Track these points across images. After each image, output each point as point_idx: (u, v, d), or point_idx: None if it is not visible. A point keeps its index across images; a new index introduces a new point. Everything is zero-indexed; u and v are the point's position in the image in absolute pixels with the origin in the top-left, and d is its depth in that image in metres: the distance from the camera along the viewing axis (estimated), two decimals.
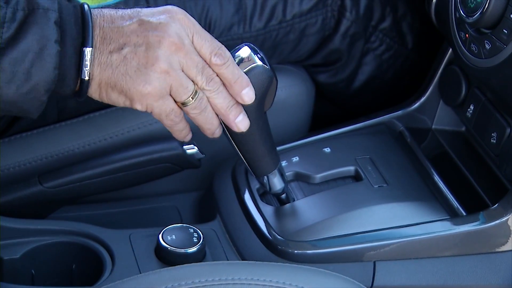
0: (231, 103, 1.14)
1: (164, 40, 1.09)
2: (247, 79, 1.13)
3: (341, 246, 1.24)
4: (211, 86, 1.12)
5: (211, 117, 1.15)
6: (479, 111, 1.33)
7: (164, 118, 1.14)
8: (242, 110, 1.15)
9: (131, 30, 1.09)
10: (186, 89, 1.11)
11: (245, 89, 1.13)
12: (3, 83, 1.05)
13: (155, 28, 1.09)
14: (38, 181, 1.34)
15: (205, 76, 1.11)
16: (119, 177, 1.36)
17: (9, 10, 1.05)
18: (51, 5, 1.06)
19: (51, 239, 1.27)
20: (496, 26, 1.22)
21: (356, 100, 1.57)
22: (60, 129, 1.39)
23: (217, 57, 1.11)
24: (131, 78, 1.09)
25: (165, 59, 1.09)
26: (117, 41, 1.09)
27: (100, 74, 1.09)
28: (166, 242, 1.23)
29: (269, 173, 1.24)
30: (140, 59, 1.09)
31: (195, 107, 1.13)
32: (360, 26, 1.50)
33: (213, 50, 1.11)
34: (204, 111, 1.14)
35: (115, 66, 1.09)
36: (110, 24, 1.09)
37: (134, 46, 1.09)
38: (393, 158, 1.37)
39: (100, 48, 1.09)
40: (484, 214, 1.26)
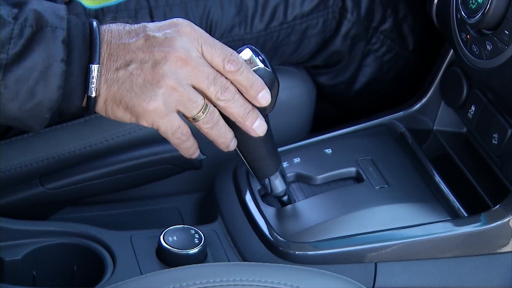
0: (247, 109, 1.13)
1: (170, 56, 1.08)
2: (261, 82, 1.13)
3: (342, 247, 1.24)
4: (226, 96, 1.11)
5: (224, 131, 1.14)
6: (480, 112, 1.33)
7: (170, 136, 1.13)
8: (258, 114, 1.14)
9: (137, 46, 1.09)
10: (195, 103, 1.10)
11: (261, 92, 1.13)
12: (6, 100, 1.05)
13: (161, 44, 1.08)
14: (40, 183, 1.34)
15: (219, 86, 1.11)
16: (120, 179, 1.36)
17: (16, 27, 1.04)
18: (59, 23, 1.06)
19: (52, 240, 1.27)
20: (497, 27, 1.22)
21: (357, 102, 1.57)
22: (61, 131, 1.39)
23: (230, 63, 1.10)
24: (136, 94, 1.09)
25: (171, 75, 1.08)
26: (123, 57, 1.08)
27: (106, 90, 1.09)
28: (167, 243, 1.23)
29: (270, 176, 1.24)
30: (146, 75, 1.08)
31: (207, 121, 1.12)
32: (361, 28, 1.50)
33: (225, 57, 1.10)
34: (217, 125, 1.13)
35: (121, 83, 1.09)
36: (118, 41, 1.09)
37: (140, 62, 1.08)
38: (394, 159, 1.37)
39: (107, 65, 1.08)
40: (486, 215, 1.26)
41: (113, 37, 1.09)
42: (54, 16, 1.06)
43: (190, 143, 1.15)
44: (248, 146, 1.19)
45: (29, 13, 1.05)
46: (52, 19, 1.06)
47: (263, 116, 1.17)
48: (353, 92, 1.55)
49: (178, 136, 1.13)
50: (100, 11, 1.36)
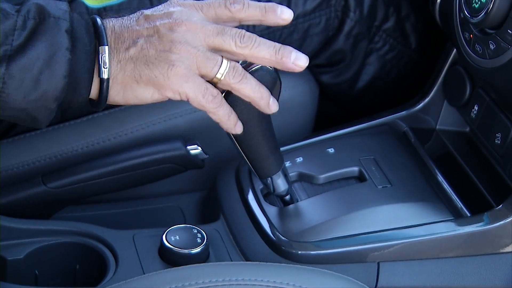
0: (277, 46, 1.10)
1: (173, 25, 1.08)
2: (273, 4, 1.11)
3: (345, 247, 1.24)
4: (246, 42, 1.09)
5: (256, 84, 1.10)
6: (483, 111, 1.33)
7: (203, 101, 1.09)
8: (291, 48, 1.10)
9: (139, 25, 1.09)
10: (213, 60, 1.09)
11: (278, 10, 1.11)
12: (11, 89, 1.05)
13: (161, 17, 1.09)
14: (42, 181, 1.34)
15: (234, 35, 1.09)
16: (122, 178, 1.36)
17: (19, 19, 1.05)
18: (62, 14, 1.07)
19: (54, 239, 1.27)
20: (500, 26, 1.22)
21: (360, 101, 1.57)
22: (63, 129, 1.39)
23: (234, 3, 1.10)
24: (154, 65, 1.08)
25: (180, 39, 1.08)
26: (130, 37, 1.09)
27: (121, 70, 1.09)
28: (169, 243, 1.22)
29: (273, 175, 1.24)
30: (156, 46, 1.08)
31: (234, 75, 1.09)
32: (364, 26, 1.50)
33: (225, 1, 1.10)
34: (245, 78, 1.10)
35: (136, 59, 1.08)
36: (120, 25, 1.10)
37: (147, 37, 1.09)
38: (397, 159, 1.37)
39: (116, 47, 1.09)
40: (488, 215, 1.26)
41: (115, 24, 1.10)
42: (56, 8, 1.07)
43: (227, 108, 1.11)
44: (250, 145, 1.19)
45: (31, 6, 1.06)
46: (54, 11, 1.07)
47: (265, 114, 1.17)
48: (356, 91, 1.55)
49: (210, 100, 1.09)
50: (103, 10, 1.36)
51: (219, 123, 1.13)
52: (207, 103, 1.10)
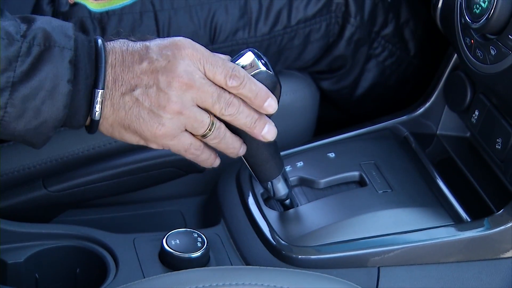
0: (254, 119, 1.15)
1: (173, 81, 1.10)
2: (266, 91, 1.14)
3: (345, 252, 1.24)
4: (230, 111, 1.13)
5: (231, 141, 1.16)
6: (484, 116, 1.33)
7: (184, 153, 1.15)
8: (266, 120, 1.16)
9: (141, 71, 1.10)
10: (201, 123, 1.12)
11: (267, 101, 1.14)
12: (12, 118, 1.06)
13: (164, 68, 1.10)
14: (43, 185, 1.34)
15: (223, 103, 1.12)
16: (123, 181, 1.36)
17: (24, 45, 1.05)
18: (67, 43, 1.07)
19: (55, 243, 1.27)
20: (501, 32, 1.22)
21: (360, 106, 1.57)
22: (64, 133, 1.38)
23: (232, 79, 1.12)
24: (145, 120, 1.11)
25: (176, 99, 1.10)
26: (128, 82, 1.10)
27: (113, 114, 1.11)
28: (170, 247, 1.22)
29: (273, 179, 1.24)
30: (152, 100, 1.10)
31: (214, 137, 1.14)
32: (364, 32, 1.50)
33: (227, 74, 1.12)
34: (224, 138, 1.15)
35: (128, 108, 1.10)
36: (121, 64, 1.10)
37: (146, 87, 1.10)
38: (397, 164, 1.37)
39: (112, 89, 1.10)
40: (489, 220, 1.26)
41: (117, 59, 1.10)
42: (62, 35, 1.07)
43: (206, 155, 1.17)
44: (250, 149, 1.19)
45: (38, 31, 1.06)
46: (60, 39, 1.07)
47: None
48: (356, 96, 1.55)
49: (192, 152, 1.15)
50: (105, 14, 1.36)
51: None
52: (188, 155, 1.16)
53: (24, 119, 1.06)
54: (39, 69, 1.05)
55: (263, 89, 1.14)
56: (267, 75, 1.14)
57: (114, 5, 1.37)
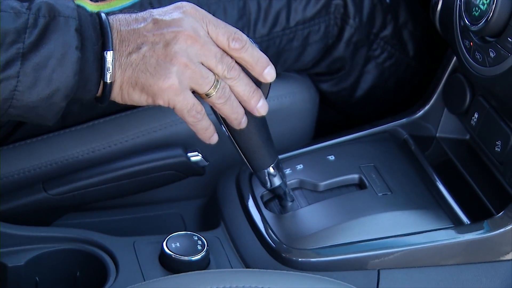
0: (252, 89, 1.16)
1: (180, 35, 1.11)
2: (266, 58, 1.16)
3: (345, 254, 1.24)
4: (232, 74, 1.14)
5: (236, 105, 1.17)
6: (483, 119, 1.33)
7: (186, 114, 1.15)
8: (261, 94, 1.17)
9: (147, 30, 1.11)
10: (206, 79, 1.13)
11: (267, 68, 1.16)
12: (25, 87, 1.07)
13: (169, 25, 1.11)
14: (43, 188, 1.34)
15: (225, 64, 1.13)
16: (123, 184, 1.36)
17: (31, 17, 1.07)
18: (71, 13, 1.09)
19: (55, 246, 1.27)
20: (500, 34, 1.22)
21: (359, 108, 1.57)
22: (64, 136, 1.39)
23: (235, 41, 1.13)
24: (151, 74, 1.11)
25: (183, 52, 1.11)
26: (135, 42, 1.11)
27: (121, 75, 1.12)
28: (170, 250, 1.23)
29: (266, 168, 1.24)
30: (158, 55, 1.11)
31: (219, 96, 1.15)
32: (363, 34, 1.50)
33: (230, 35, 1.13)
34: (229, 100, 1.16)
35: (135, 65, 1.11)
36: (127, 27, 1.12)
37: (152, 44, 1.11)
38: (397, 166, 1.37)
39: (120, 51, 1.11)
40: (489, 222, 1.26)
41: (122, 24, 1.12)
42: (65, 6, 1.09)
43: (206, 122, 1.17)
44: (242, 134, 1.20)
45: (41, 4, 1.08)
46: (63, 9, 1.08)
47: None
48: (355, 98, 1.55)
49: (193, 114, 1.15)
50: None
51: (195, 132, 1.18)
52: (189, 117, 1.15)
53: (37, 88, 1.07)
54: (47, 38, 1.07)
55: (263, 56, 1.15)
56: None
57: (112, 7, 1.37)
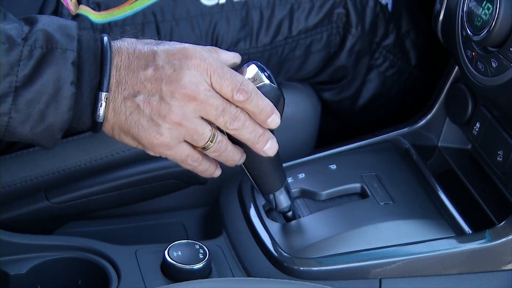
0: (258, 134, 1.14)
1: (176, 92, 1.09)
2: (271, 107, 1.13)
3: (347, 263, 1.24)
4: (234, 125, 1.12)
5: (232, 154, 1.16)
6: (485, 129, 1.33)
7: (180, 163, 1.15)
8: (269, 136, 1.16)
9: (145, 77, 1.09)
10: (202, 135, 1.12)
11: (271, 117, 1.14)
12: (18, 123, 1.06)
13: (169, 77, 1.09)
14: (45, 197, 1.34)
15: (228, 116, 1.12)
16: (125, 193, 1.36)
17: (26, 48, 1.04)
18: (69, 44, 1.06)
19: (57, 254, 1.27)
20: (503, 44, 1.22)
21: (362, 117, 1.57)
22: (66, 144, 1.38)
23: (239, 93, 1.11)
24: (143, 127, 1.10)
25: (177, 110, 1.09)
26: (131, 87, 1.09)
27: (114, 118, 1.10)
28: (172, 258, 1.22)
29: (275, 191, 1.24)
30: (153, 108, 1.09)
31: (215, 150, 1.14)
32: (366, 43, 1.50)
33: (234, 87, 1.11)
34: (225, 151, 1.15)
35: (129, 113, 1.10)
36: (127, 67, 1.09)
37: (148, 94, 1.09)
38: (399, 176, 1.37)
39: (115, 92, 1.09)
40: (491, 232, 1.26)
41: (123, 61, 1.09)
42: (65, 36, 1.07)
43: (205, 165, 1.16)
44: (253, 162, 1.20)
45: (39, 33, 1.05)
46: (62, 40, 1.06)
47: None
48: (358, 107, 1.55)
49: (188, 163, 1.15)
50: (107, 26, 1.36)
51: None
52: (185, 165, 1.15)
53: (29, 123, 1.06)
54: (42, 72, 1.05)
55: (268, 105, 1.13)
56: (271, 88, 1.14)
57: (116, 16, 1.37)
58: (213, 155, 1.15)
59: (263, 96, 1.13)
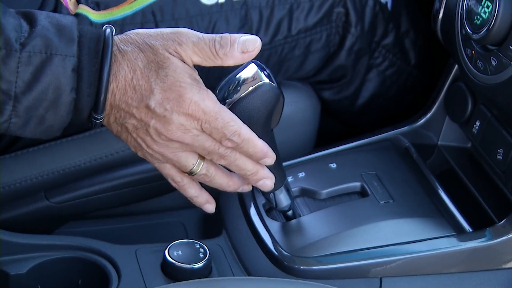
0: (249, 172, 1.16)
1: (162, 134, 1.10)
2: (264, 150, 1.14)
3: (347, 262, 1.24)
4: (222, 163, 1.14)
5: (222, 181, 1.17)
6: (485, 127, 1.33)
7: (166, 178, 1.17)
8: (263, 174, 1.17)
9: (138, 111, 1.10)
10: (184, 167, 1.14)
11: (264, 159, 1.15)
12: (18, 127, 1.06)
13: (158, 119, 1.09)
14: (45, 196, 1.34)
15: (215, 155, 1.13)
16: (125, 193, 1.36)
17: (23, 55, 1.04)
18: (69, 50, 1.06)
19: (57, 254, 1.27)
20: (502, 43, 1.22)
21: (361, 116, 1.57)
22: (66, 144, 1.38)
23: (228, 141, 1.11)
24: (131, 144, 1.14)
25: (162, 146, 1.11)
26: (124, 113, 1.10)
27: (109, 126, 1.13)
28: (172, 258, 1.22)
29: (275, 190, 1.24)
30: (139, 137, 1.11)
31: (202, 177, 1.15)
32: (365, 42, 1.50)
33: (223, 137, 1.11)
34: (213, 179, 1.16)
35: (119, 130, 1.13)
36: (122, 96, 1.09)
37: (137, 123, 1.10)
38: (399, 174, 1.37)
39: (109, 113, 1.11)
40: (491, 230, 1.26)
41: (119, 88, 1.09)
42: (64, 40, 1.06)
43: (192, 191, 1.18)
44: None
45: (38, 39, 1.04)
46: (62, 46, 1.05)
47: (268, 131, 1.17)
48: (357, 107, 1.55)
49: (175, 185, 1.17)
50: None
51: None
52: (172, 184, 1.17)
53: (29, 126, 1.07)
54: (41, 80, 1.04)
55: (260, 151, 1.14)
56: (271, 87, 1.14)
57: (115, 15, 1.37)
58: (201, 180, 1.16)
59: (255, 142, 1.13)
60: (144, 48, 1.09)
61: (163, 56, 1.09)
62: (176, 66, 1.09)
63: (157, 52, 1.09)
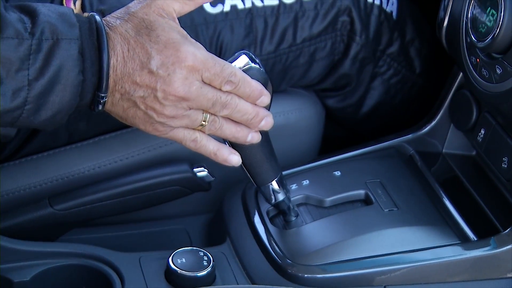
0: (250, 116, 1.19)
1: (170, 95, 1.14)
2: (259, 90, 1.18)
3: (351, 271, 1.24)
4: (225, 112, 1.17)
5: (232, 131, 1.19)
6: (490, 135, 1.33)
7: (183, 144, 1.19)
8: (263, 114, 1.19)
9: (141, 80, 1.13)
10: (194, 122, 1.17)
11: (260, 98, 1.19)
12: (30, 114, 1.09)
13: (163, 82, 1.13)
14: (49, 204, 1.34)
15: (218, 106, 1.16)
16: (129, 200, 1.36)
17: (34, 42, 1.07)
18: (73, 33, 1.10)
19: (61, 261, 1.27)
20: (507, 51, 1.22)
21: (366, 124, 1.57)
22: (70, 152, 1.39)
23: (227, 85, 1.16)
24: (140, 118, 1.16)
25: (171, 109, 1.15)
26: (128, 87, 1.13)
27: (112, 108, 1.15)
28: (176, 265, 1.22)
29: (269, 182, 1.24)
30: (147, 106, 1.14)
31: (209, 129, 1.18)
32: (369, 51, 1.50)
33: (223, 80, 1.15)
34: (221, 129, 1.18)
35: (126, 107, 1.15)
36: (122, 68, 1.13)
37: (143, 94, 1.14)
38: (403, 182, 1.37)
39: (113, 91, 1.14)
40: (495, 239, 1.25)
41: (119, 62, 1.13)
42: (67, 25, 1.10)
43: (209, 148, 1.20)
44: (245, 149, 1.21)
45: (44, 25, 1.08)
46: (65, 30, 1.09)
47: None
48: (361, 115, 1.55)
49: (188, 144, 1.19)
50: None
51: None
52: (187, 146, 1.19)
53: (40, 113, 1.09)
54: (51, 64, 1.08)
55: (256, 89, 1.18)
56: (258, 71, 1.19)
57: None
58: (209, 133, 1.18)
59: (250, 82, 1.17)
60: (129, 18, 1.14)
61: (149, 20, 1.14)
62: (164, 25, 1.14)
63: (142, 18, 1.14)
